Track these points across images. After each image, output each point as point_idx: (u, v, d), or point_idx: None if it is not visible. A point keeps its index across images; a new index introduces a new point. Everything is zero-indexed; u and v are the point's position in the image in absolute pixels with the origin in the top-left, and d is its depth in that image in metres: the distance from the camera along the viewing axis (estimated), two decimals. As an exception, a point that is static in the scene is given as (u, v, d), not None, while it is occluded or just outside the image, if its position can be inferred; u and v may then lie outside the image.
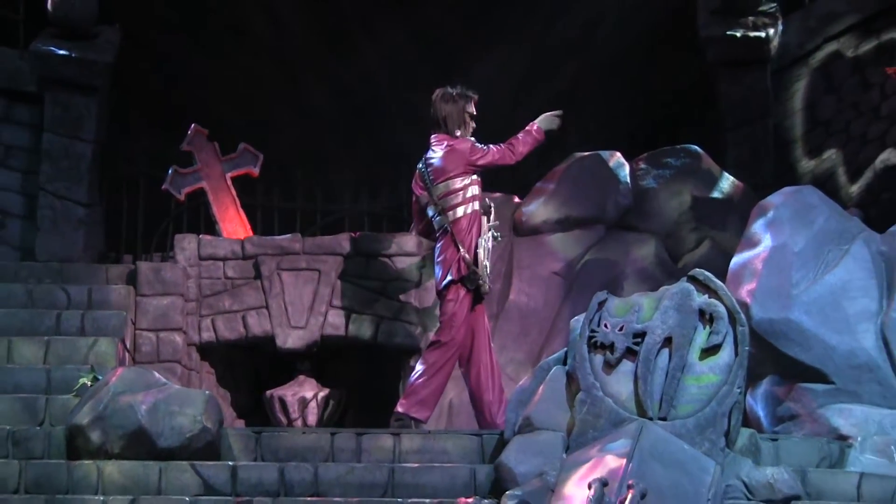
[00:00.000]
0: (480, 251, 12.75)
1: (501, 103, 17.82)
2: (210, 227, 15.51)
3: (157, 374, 11.82)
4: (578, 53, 18.25)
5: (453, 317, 12.77)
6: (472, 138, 13.13)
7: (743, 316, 10.82)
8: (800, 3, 16.82)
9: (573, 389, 10.81)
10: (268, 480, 11.02)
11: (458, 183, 12.90)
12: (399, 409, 12.67)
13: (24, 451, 11.33)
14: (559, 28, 18.36)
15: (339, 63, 18.06)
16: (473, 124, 13.22)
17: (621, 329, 10.77)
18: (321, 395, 14.46)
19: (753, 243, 12.30)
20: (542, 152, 15.58)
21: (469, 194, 12.95)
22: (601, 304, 11.01)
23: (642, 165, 14.85)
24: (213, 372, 14.50)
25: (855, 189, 16.41)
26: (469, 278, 12.70)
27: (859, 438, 11.39)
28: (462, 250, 12.72)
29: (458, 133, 13.14)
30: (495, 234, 12.99)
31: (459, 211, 12.88)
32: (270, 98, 17.81)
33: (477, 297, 12.80)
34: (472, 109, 13.24)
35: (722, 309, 10.78)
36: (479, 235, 12.82)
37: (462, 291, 12.77)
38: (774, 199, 12.53)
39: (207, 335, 14.30)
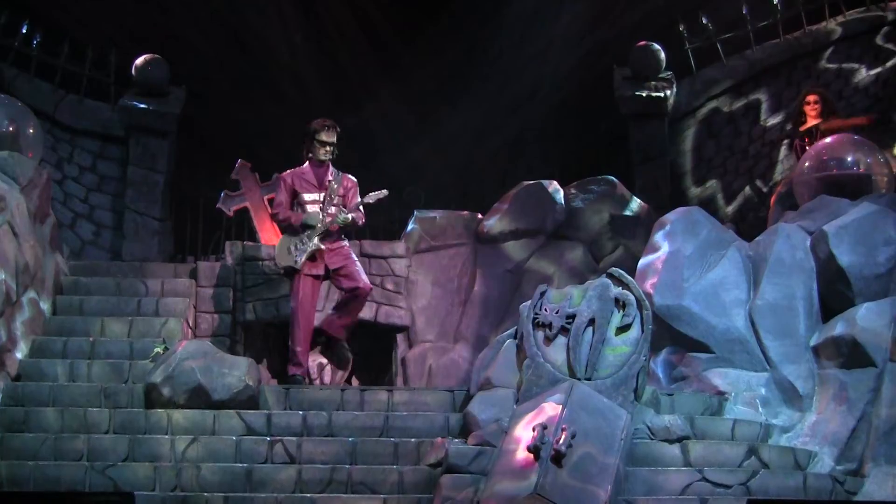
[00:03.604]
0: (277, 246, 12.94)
1: (465, 146, 17.83)
2: (252, 235, 15.43)
3: (212, 345, 11.79)
4: (524, 108, 18.21)
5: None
6: (306, 166, 12.99)
7: (647, 303, 10.84)
8: (689, 71, 16.82)
9: (521, 357, 10.78)
10: (294, 424, 11.00)
11: None
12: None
13: (112, 402, 11.29)
14: (510, 89, 18.32)
15: (345, 114, 17.99)
16: (326, 149, 12.89)
17: (557, 312, 10.74)
18: (334, 361, 14.40)
19: (655, 249, 12.27)
20: (498, 181, 15.58)
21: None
22: (542, 293, 10.99)
23: (573, 191, 14.79)
24: (253, 343, 14.41)
25: (730, 209, 16.47)
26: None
27: (733, 394, 11.39)
28: None
29: (310, 156, 12.97)
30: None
31: None
32: (296, 140, 17.72)
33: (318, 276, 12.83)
34: (325, 137, 12.88)
35: (632, 297, 10.78)
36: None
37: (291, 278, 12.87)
38: (670, 216, 12.50)
39: (250, 316, 14.19)
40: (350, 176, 13.07)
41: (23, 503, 9.66)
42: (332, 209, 12.79)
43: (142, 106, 16.16)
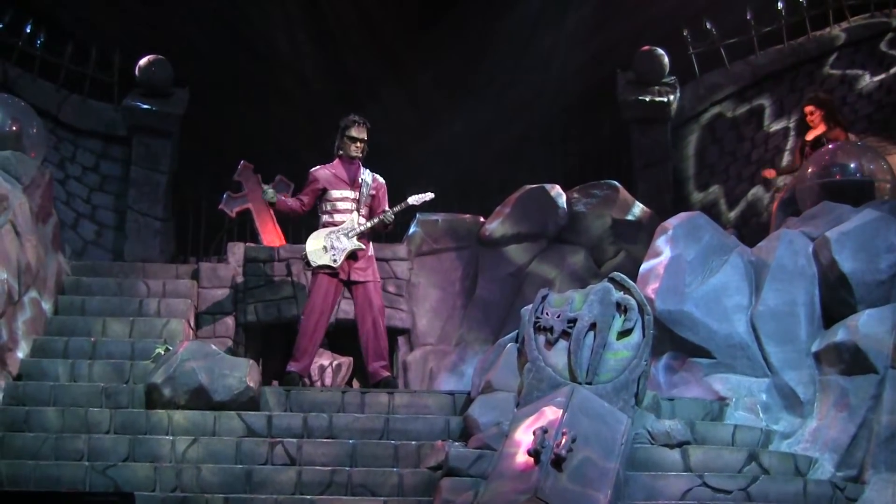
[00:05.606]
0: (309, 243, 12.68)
1: (469, 148, 17.84)
2: (254, 237, 15.44)
3: (213, 346, 11.80)
4: (528, 111, 18.23)
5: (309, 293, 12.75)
6: (336, 161, 12.79)
7: (649, 307, 10.83)
8: (692, 76, 16.84)
9: (522, 361, 10.78)
10: (295, 426, 11.01)
11: None
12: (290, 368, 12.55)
13: (113, 402, 11.30)
14: (514, 91, 18.34)
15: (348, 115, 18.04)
16: (356, 145, 12.74)
17: (559, 316, 10.75)
18: (335, 363, 14.38)
19: (657, 254, 12.27)
20: (500, 185, 15.56)
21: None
22: (544, 297, 10.99)
23: (575, 195, 14.79)
24: (254, 345, 14.42)
25: (732, 215, 16.48)
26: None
27: (734, 399, 11.39)
28: None
29: (340, 153, 12.79)
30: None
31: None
32: (299, 142, 17.75)
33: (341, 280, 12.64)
34: (355, 133, 12.74)
35: (633, 302, 10.78)
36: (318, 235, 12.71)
37: (314, 275, 12.70)
38: (673, 221, 12.50)
39: (251, 317, 14.20)
40: (380, 177, 12.94)
41: (23, 503, 9.68)
42: (364, 209, 12.72)
43: (145, 106, 16.19)
